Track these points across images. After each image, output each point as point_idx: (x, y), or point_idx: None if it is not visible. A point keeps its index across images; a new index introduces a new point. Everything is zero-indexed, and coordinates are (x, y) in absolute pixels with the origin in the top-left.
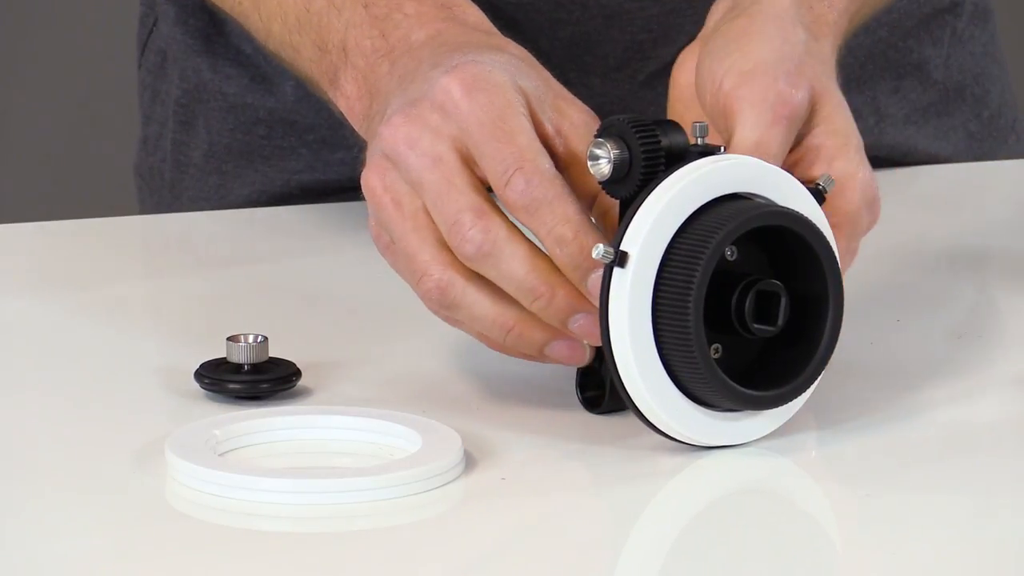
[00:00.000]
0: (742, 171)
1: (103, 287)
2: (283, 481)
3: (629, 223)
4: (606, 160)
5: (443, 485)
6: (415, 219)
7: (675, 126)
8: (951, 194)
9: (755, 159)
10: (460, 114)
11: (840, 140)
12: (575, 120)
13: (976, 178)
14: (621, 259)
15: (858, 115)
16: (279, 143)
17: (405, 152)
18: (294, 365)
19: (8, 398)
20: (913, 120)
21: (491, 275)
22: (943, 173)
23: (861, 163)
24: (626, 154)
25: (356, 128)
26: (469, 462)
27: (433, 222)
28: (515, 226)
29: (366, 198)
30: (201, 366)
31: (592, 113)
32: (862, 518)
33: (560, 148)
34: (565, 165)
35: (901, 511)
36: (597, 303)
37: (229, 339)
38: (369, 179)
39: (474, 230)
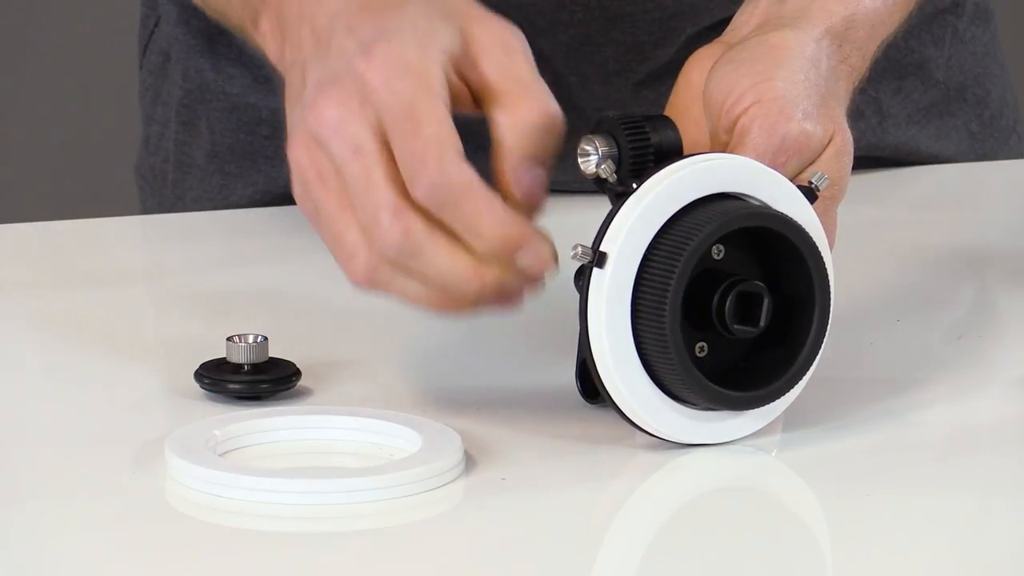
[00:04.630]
0: (730, 171)
1: (103, 287)
2: (283, 481)
3: (609, 222)
4: (595, 157)
5: (443, 485)
6: (340, 199)
7: (667, 122)
8: (952, 194)
9: (743, 158)
10: (377, 100)
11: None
12: (484, 44)
13: (977, 178)
14: (600, 260)
15: (860, 115)
16: (282, 143)
17: (328, 137)
18: (294, 365)
19: (8, 398)
20: (915, 120)
21: (414, 270)
22: (944, 173)
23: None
24: (614, 150)
25: (275, 65)
26: (469, 462)
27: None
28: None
29: (291, 168)
30: (201, 366)
31: (511, 29)
32: (860, 517)
33: (476, 82)
34: (487, 99)
35: (900, 511)
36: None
37: (229, 339)
38: (295, 152)
39: (392, 231)
